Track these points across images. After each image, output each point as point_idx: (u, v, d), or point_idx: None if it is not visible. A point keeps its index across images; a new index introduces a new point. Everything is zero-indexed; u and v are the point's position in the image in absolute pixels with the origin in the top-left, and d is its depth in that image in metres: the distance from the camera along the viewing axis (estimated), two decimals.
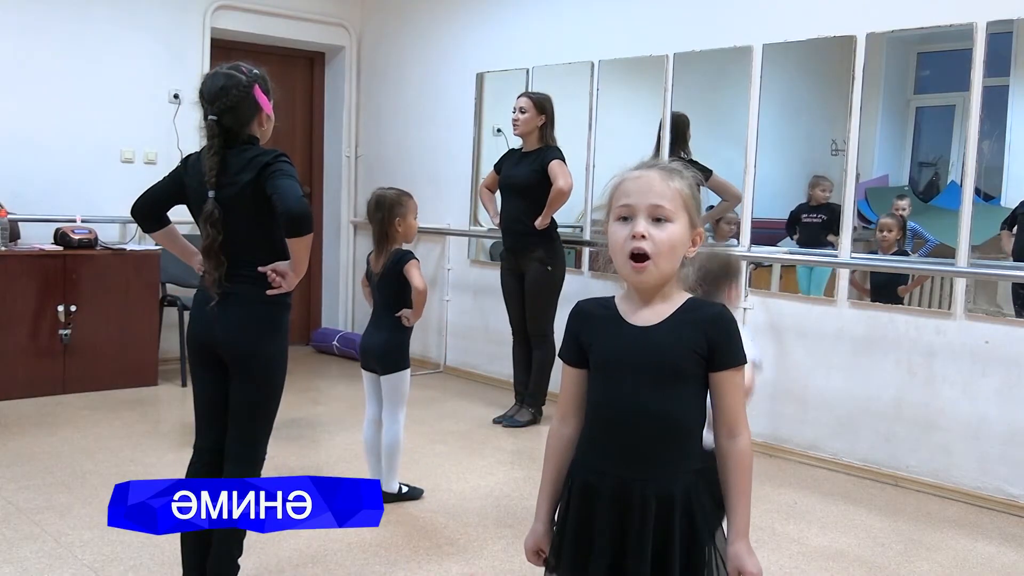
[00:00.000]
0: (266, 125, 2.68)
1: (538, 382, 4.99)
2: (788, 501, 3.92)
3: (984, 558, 3.40)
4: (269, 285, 2.59)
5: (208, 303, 2.61)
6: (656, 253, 1.61)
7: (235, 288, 2.59)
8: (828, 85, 4.51)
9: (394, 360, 3.63)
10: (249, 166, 2.54)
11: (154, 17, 5.99)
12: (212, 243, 2.55)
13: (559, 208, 4.82)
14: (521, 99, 4.90)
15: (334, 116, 7.16)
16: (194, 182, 2.63)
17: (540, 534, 1.77)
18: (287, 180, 2.51)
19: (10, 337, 5.08)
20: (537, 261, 4.86)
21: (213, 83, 2.59)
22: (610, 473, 1.65)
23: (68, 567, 3.01)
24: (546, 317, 4.91)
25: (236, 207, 2.56)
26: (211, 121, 2.55)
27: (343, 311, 7.23)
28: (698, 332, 1.63)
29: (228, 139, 2.57)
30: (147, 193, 2.77)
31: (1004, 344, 3.89)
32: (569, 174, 4.78)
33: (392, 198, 3.66)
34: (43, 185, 5.58)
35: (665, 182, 1.63)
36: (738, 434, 1.65)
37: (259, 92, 2.62)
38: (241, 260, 2.59)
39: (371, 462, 3.73)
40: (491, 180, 5.19)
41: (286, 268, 2.59)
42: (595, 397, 1.70)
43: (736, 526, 1.64)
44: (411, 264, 3.60)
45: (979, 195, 3.94)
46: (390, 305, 3.63)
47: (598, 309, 1.72)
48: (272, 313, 2.65)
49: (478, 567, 3.14)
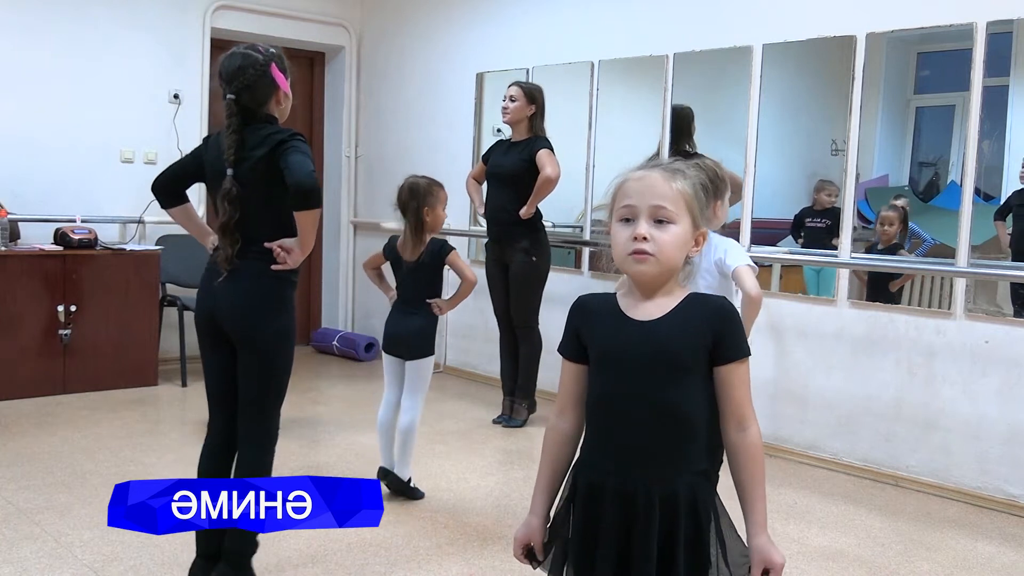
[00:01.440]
0: (284, 103, 2.72)
1: (527, 374, 4.98)
2: (788, 501, 3.92)
3: (984, 558, 3.39)
4: (275, 261, 2.61)
5: (216, 279, 2.64)
6: (658, 253, 1.60)
7: (243, 264, 2.62)
8: (828, 85, 4.51)
9: (424, 346, 3.66)
10: (265, 142, 2.58)
11: (154, 17, 5.99)
12: (229, 220, 2.58)
13: (545, 197, 4.79)
14: (512, 87, 4.90)
15: (334, 116, 7.16)
16: (213, 160, 2.66)
17: (534, 527, 1.76)
18: (300, 156, 2.54)
19: (10, 337, 5.08)
20: (522, 251, 4.84)
21: (231, 63, 2.62)
22: (613, 473, 1.64)
23: (68, 567, 3.01)
24: (530, 308, 4.90)
25: (250, 183, 2.59)
26: (229, 100, 2.59)
27: (343, 311, 7.23)
28: (702, 325, 1.62)
29: (246, 118, 2.61)
30: (168, 169, 2.84)
31: (1004, 344, 3.89)
32: (557, 164, 4.75)
33: (424, 187, 3.65)
34: (43, 185, 5.58)
35: (667, 183, 1.62)
36: (747, 426, 1.64)
37: (276, 70, 2.66)
38: (252, 237, 2.62)
39: (383, 444, 3.72)
40: (478, 171, 5.18)
41: (292, 244, 2.62)
42: (595, 392, 1.69)
43: (755, 519, 1.64)
44: (455, 255, 3.65)
45: (979, 195, 3.94)
46: (424, 293, 3.64)
47: (599, 304, 1.72)
48: (276, 288, 2.67)
49: (478, 567, 3.14)
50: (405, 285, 3.71)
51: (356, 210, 7.13)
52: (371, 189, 6.99)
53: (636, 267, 1.62)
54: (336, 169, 7.13)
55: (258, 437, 2.71)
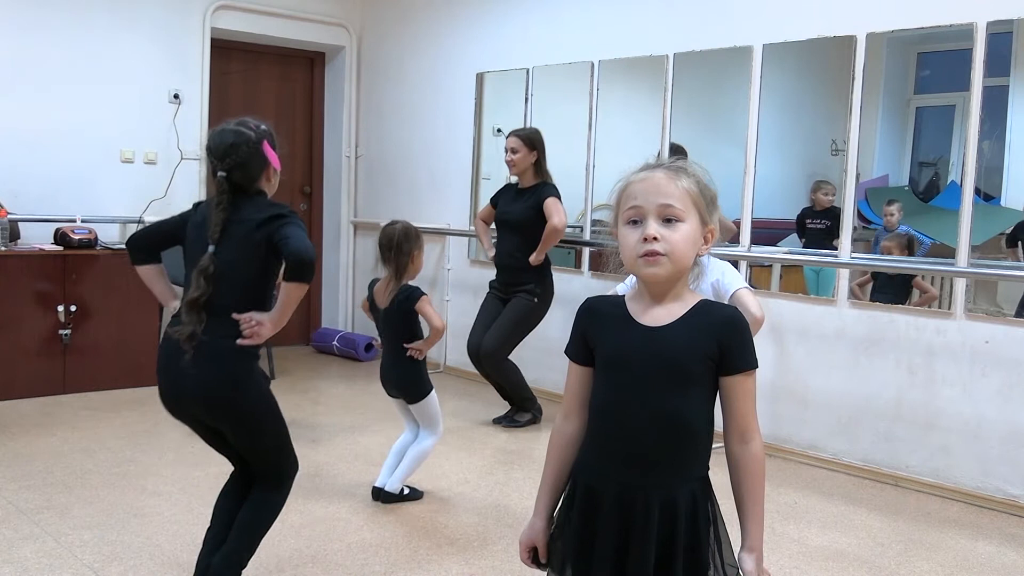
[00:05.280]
0: (273, 180, 2.68)
1: (517, 392, 4.98)
2: (788, 501, 3.92)
3: (984, 558, 3.39)
4: (239, 334, 2.51)
5: (177, 357, 2.50)
6: (670, 253, 1.58)
7: (207, 341, 2.50)
8: (828, 85, 4.51)
9: (417, 389, 3.68)
10: (261, 211, 2.55)
11: (154, 17, 5.99)
12: (200, 296, 2.48)
13: (553, 245, 4.85)
14: (510, 139, 4.91)
15: (334, 116, 7.16)
16: (196, 230, 2.62)
17: (537, 530, 1.76)
18: (300, 231, 2.52)
19: (10, 337, 5.08)
20: (526, 292, 4.89)
21: (221, 139, 2.58)
22: (613, 478, 1.63)
23: (68, 567, 3.01)
24: (508, 340, 4.88)
25: (231, 253, 2.52)
26: (220, 178, 2.55)
27: (343, 311, 7.23)
28: (709, 335, 1.60)
29: (237, 194, 2.57)
30: (149, 228, 2.82)
31: (1004, 344, 3.89)
32: (564, 212, 4.81)
33: (405, 233, 3.63)
34: (43, 185, 5.58)
35: (672, 182, 1.60)
36: (750, 439, 1.62)
37: (268, 147, 2.62)
38: (219, 310, 2.52)
39: (389, 463, 3.76)
40: (487, 213, 5.19)
41: (263, 318, 2.53)
42: (600, 397, 1.68)
43: (749, 544, 1.62)
44: (423, 301, 3.61)
45: (979, 195, 3.94)
46: (401, 337, 3.65)
47: (607, 307, 1.70)
48: (244, 366, 2.58)
49: (478, 567, 3.14)
50: (384, 332, 3.73)
51: (356, 210, 7.13)
52: (371, 189, 6.99)
53: (648, 270, 1.60)
54: (336, 169, 7.13)
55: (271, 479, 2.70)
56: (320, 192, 7.21)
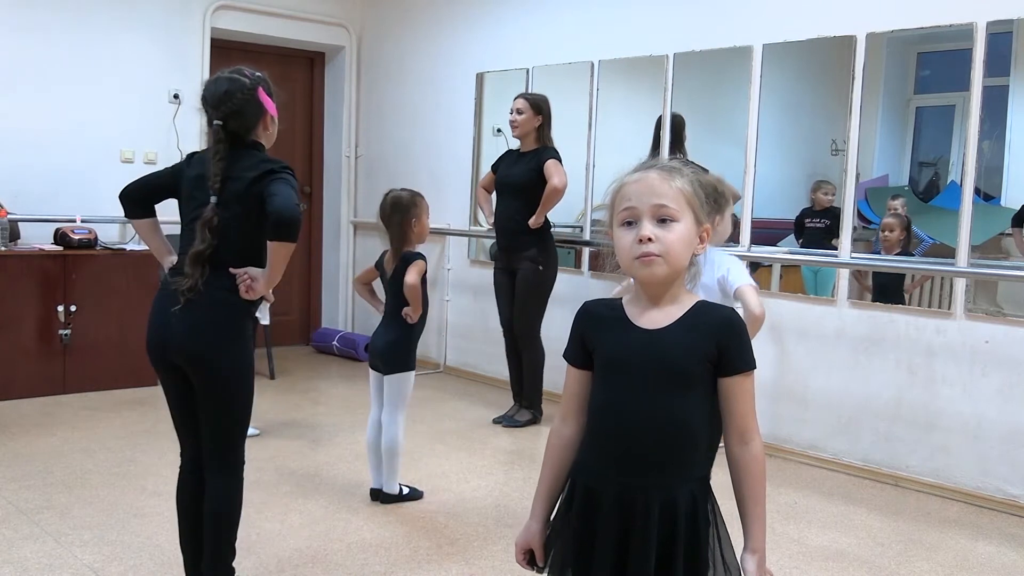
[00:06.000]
0: (271, 128, 2.64)
1: (531, 384, 4.99)
2: (788, 501, 3.92)
3: (984, 558, 3.39)
4: (235, 288, 2.51)
5: (170, 306, 2.49)
6: (665, 253, 1.58)
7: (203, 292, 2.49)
8: (828, 85, 4.51)
9: (399, 360, 3.65)
10: (254, 168, 2.51)
11: (154, 17, 5.99)
12: (206, 248, 2.47)
13: (553, 207, 4.82)
14: (518, 100, 4.91)
15: (334, 116, 7.16)
16: (193, 182, 2.57)
17: (534, 532, 1.76)
18: (288, 187, 2.47)
19: (10, 337, 5.08)
20: (529, 260, 4.87)
21: (216, 88, 2.55)
22: (613, 479, 1.63)
23: (68, 567, 3.01)
24: (534, 317, 4.91)
25: (230, 209, 2.50)
26: (216, 126, 2.51)
27: (343, 311, 7.23)
28: (708, 336, 1.60)
29: (233, 143, 2.53)
30: (142, 179, 2.74)
31: (1004, 344, 3.89)
32: (564, 173, 4.78)
33: (407, 199, 3.65)
34: (43, 185, 5.57)
35: (666, 182, 1.60)
36: (750, 440, 1.62)
37: (263, 94, 2.59)
38: (217, 264, 2.51)
39: (372, 463, 3.75)
40: (488, 180, 5.20)
41: (258, 274, 2.52)
42: (599, 400, 1.68)
43: (751, 545, 1.61)
44: (412, 264, 3.61)
45: (979, 195, 3.94)
46: (399, 305, 3.63)
47: (605, 311, 1.70)
48: (235, 317, 2.55)
49: (478, 567, 3.14)
50: (387, 299, 3.72)
51: (356, 210, 7.13)
52: (371, 189, 6.99)
53: (645, 271, 1.60)
54: (336, 169, 7.13)
55: (225, 469, 2.63)
56: (320, 192, 7.21)
